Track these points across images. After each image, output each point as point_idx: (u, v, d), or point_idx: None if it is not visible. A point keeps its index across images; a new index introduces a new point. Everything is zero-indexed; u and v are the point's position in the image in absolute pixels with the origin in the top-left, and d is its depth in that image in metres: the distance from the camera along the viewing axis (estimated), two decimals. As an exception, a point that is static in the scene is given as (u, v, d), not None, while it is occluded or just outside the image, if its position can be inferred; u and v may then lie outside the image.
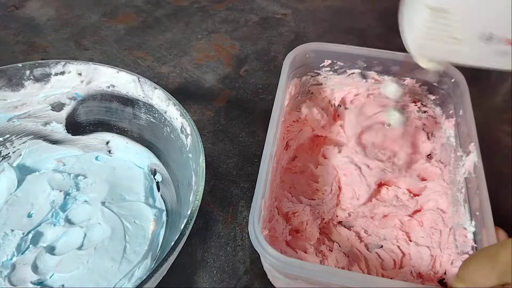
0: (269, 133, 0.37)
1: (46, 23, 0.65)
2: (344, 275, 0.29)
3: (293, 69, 0.43)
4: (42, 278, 0.37)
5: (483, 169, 0.35)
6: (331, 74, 0.46)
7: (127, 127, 0.44)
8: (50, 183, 0.43)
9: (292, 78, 0.44)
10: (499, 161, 0.49)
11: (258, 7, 0.70)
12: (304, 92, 0.47)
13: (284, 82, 0.41)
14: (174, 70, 0.59)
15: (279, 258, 0.29)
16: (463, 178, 0.38)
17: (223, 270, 0.40)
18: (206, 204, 0.44)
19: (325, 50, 0.44)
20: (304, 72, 0.45)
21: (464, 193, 0.37)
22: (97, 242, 0.39)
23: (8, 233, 0.39)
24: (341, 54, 0.44)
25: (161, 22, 0.66)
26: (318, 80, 0.46)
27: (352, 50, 0.43)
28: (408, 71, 0.43)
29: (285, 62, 0.42)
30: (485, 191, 0.34)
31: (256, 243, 0.30)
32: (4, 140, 0.43)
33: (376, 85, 0.46)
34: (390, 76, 0.44)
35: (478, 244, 0.33)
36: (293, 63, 0.43)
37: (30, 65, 0.40)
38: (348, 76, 0.45)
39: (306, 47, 0.43)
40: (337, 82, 0.46)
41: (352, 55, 0.44)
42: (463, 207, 0.36)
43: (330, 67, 0.45)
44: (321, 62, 0.45)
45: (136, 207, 0.42)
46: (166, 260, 0.28)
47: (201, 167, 0.33)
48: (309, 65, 0.45)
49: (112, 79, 0.41)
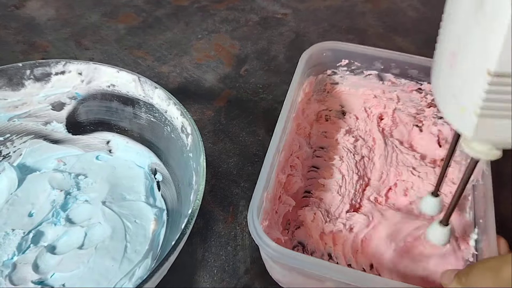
0: (277, 126, 0.37)
1: (46, 22, 0.65)
2: (338, 270, 0.29)
3: (309, 67, 0.43)
4: (43, 278, 0.37)
5: (491, 177, 0.35)
6: (348, 74, 0.45)
7: (127, 126, 0.44)
8: (50, 182, 0.43)
9: (307, 76, 0.43)
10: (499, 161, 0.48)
11: (258, 7, 0.70)
12: (320, 91, 0.47)
13: (298, 78, 0.40)
14: (174, 70, 0.59)
15: (275, 248, 0.29)
16: (471, 185, 0.37)
17: (223, 269, 0.40)
18: (207, 203, 0.44)
19: (342, 50, 0.44)
20: (321, 71, 0.45)
21: (471, 200, 0.37)
22: (97, 241, 0.39)
23: (9, 232, 0.39)
24: (359, 55, 0.44)
25: (161, 21, 0.66)
26: (335, 79, 0.46)
27: (369, 51, 0.43)
28: (425, 75, 0.43)
29: (301, 59, 0.42)
30: (490, 200, 0.33)
31: (254, 232, 0.30)
32: (5, 139, 0.43)
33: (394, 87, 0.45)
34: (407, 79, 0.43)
35: (479, 252, 0.33)
36: (309, 61, 0.43)
37: (30, 65, 0.40)
38: (365, 77, 0.45)
39: (323, 46, 0.43)
40: (353, 83, 0.46)
41: (370, 56, 0.43)
42: (468, 214, 0.36)
43: (347, 67, 0.45)
44: (338, 61, 0.44)
45: (137, 207, 0.42)
46: (166, 259, 0.28)
47: (201, 167, 0.33)
48: (326, 64, 0.44)
49: (112, 79, 0.41)
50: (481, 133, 0.23)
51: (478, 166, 0.36)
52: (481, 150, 0.24)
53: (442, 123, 0.45)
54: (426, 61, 0.42)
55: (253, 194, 0.32)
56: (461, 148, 0.26)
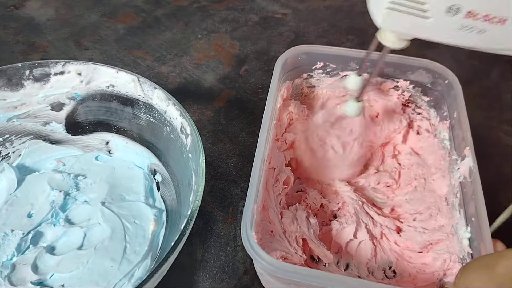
0: (260, 135, 0.36)
1: (45, 23, 0.65)
2: (336, 279, 0.29)
3: (285, 72, 0.43)
4: (42, 278, 0.37)
5: (478, 174, 0.35)
6: (324, 76, 0.45)
7: (127, 127, 0.44)
8: (50, 183, 0.43)
9: (284, 81, 0.43)
10: (499, 161, 0.49)
11: (258, 7, 0.70)
12: (297, 95, 0.47)
13: (275, 84, 0.40)
14: (173, 70, 0.59)
15: (271, 262, 0.29)
16: (458, 183, 0.37)
17: (223, 270, 0.40)
18: (206, 204, 0.44)
19: (317, 53, 0.44)
20: (297, 75, 0.45)
21: (460, 198, 0.37)
22: (97, 242, 0.39)
23: (8, 233, 0.39)
24: (334, 56, 0.44)
25: (160, 22, 0.66)
26: (311, 82, 0.46)
27: (344, 52, 0.43)
28: (401, 73, 0.43)
29: (276, 64, 0.42)
30: (481, 197, 0.33)
31: (249, 247, 0.30)
32: (4, 140, 0.43)
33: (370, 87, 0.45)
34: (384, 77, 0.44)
35: (474, 251, 0.33)
36: (285, 66, 0.43)
37: (29, 65, 0.40)
38: (341, 78, 0.45)
39: (298, 50, 0.43)
40: (330, 85, 0.46)
41: (345, 57, 0.43)
42: (459, 212, 0.36)
43: (322, 69, 0.45)
44: (314, 64, 0.44)
45: (136, 207, 0.42)
46: (166, 260, 0.28)
47: (201, 167, 0.33)
48: (302, 68, 0.45)
49: (111, 79, 0.41)
50: (388, 23, 0.30)
51: (465, 164, 0.36)
52: (390, 39, 0.31)
53: (421, 118, 0.46)
54: (401, 59, 0.42)
55: (244, 209, 0.32)
56: (378, 38, 0.32)
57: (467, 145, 0.37)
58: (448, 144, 0.41)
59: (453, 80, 0.41)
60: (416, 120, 0.46)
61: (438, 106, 0.43)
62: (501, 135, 0.52)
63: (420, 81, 0.43)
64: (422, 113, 0.45)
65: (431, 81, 0.42)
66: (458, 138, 0.39)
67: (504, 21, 0.27)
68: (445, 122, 0.41)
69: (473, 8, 0.27)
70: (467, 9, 0.27)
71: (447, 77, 0.41)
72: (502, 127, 0.53)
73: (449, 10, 0.27)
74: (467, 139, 0.37)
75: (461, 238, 0.34)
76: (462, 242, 0.34)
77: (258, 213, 0.34)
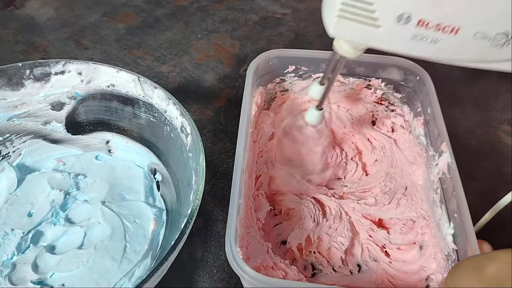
0: (238, 146, 0.36)
1: (46, 22, 0.65)
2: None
3: (257, 77, 0.43)
4: (42, 277, 0.37)
5: (457, 170, 0.35)
6: (296, 79, 0.45)
7: (127, 126, 0.44)
8: (50, 182, 0.43)
9: (257, 87, 0.44)
10: (499, 161, 0.49)
11: (258, 7, 0.70)
12: (270, 100, 0.47)
13: (249, 91, 0.40)
14: (174, 70, 0.59)
15: (257, 278, 0.29)
16: (437, 178, 0.38)
17: (223, 269, 0.40)
18: (206, 203, 0.44)
19: (287, 56, 0.44)
20: (269, 80, 0.45)
21: (440, 194, 0.37)
22: (97, 241, 0.39)
23: (8, 232, 0.39)
24: (304, 59, 0.44)
25: (161, 21, 0.66)
26: (284, 86, 0.46)
27: (314, 54, 0.43)
28: (372, 71, 0.44)
29: (248, 70, 0.42)
30: (461, 192, 0.33)
31: (234, 265, 0.29)
32: (4, 139, 0.43)
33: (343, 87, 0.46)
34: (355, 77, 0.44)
35: (459, 247, 0.33)
36: (257, 71, 0.43)
37: (30, 65, 0.40)
38: (313, 80, 0.45)
39: (268, 55, 0.43)
40: (303, 87, 0.46)
41: (315, 59, 0.43)
42: (440, 208, 0.36)
43: (294, 72, 0.45)
44: (285, 68, 0.44)
45: (136, 207, 0.42)
46: (166, 259, 0.28)
47: (201, 167, 0.33)
48: (274, 72, 0.45)
49: (112, 79, 0.41)
50: (339, 32, 0.29)
51: (443, 160, 0.36)
52: (343, 48, 0.31)
53: (395, 115, 0.46)
54: (372, 57, 0.42)
55: (226, 223, 0.31)
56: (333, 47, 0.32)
57: (444, 141, 0.37)
58: (424, 140, 0.41)
59: (424, 76, 0.41)
60: (390, 117, 0.46)
61: (411, 102, 0.44)
62: (501, 135, 0.52)
63: (391, 79, 0.43)
64: (396, 110, 0.46)
65: (403, 78, 0.43)
66: (434, 134, 0.39)
67: (457, 30, 0.26)
68: (419, 118, 0.42)
69: (423, 17, 0.26)
70: (417, 17, 0.26)
71: (418, 73, 0.42)
72: (502, 127, 0.53)
73: (399, 18, 0.26)
74: (443, 134, 0.37)
75: (444, 235, 0.35)
76: (446, 238, 0.34)
77: (241, 227, 0.33)
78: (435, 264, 0.36)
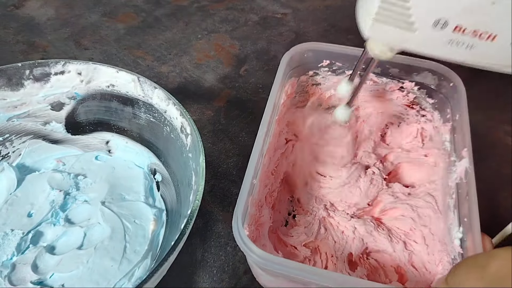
0: (260, 130, 0.36)
1: (46, 22, 0.65)
2: (324, 275, 0.29)
3: (290, 68, 0.43)
4: (42, 278, 0.37)
5: (474, 175, 0.35)
6: (329, 74, 0.45)
7: (127, 126, 0.44)
8: (50, 182, 0.43)
9: (289, 77, 0.43)
10: (499, 161, 0.49)
11: (258, 7, 0.70)
12: (302, 92, 0.47)
13: (279, 80, 0.40)
14: (174, 70, 0.59)
15: (260, 255, 0.29)
16: (454, 184, 0.37)
17: (223, 270, 0.40)
18: (206, 204, 0.44)
19: (323, 50, 0.43)
20: (302, 72, 0.45)
21: (455, 199, 0.36)
22: (97, 241, 0.39)
23: (8, 232, 0.39)
24: (340, 55, 0.43)
25: (161, 21, 0.66)
26: (317, 80, 0.46)
27: (350, 51, 0.43)
28: (406, 74, 0.43)
29: (282, 61, 0.42)
30: (474, 197, 0.33)
31: (239, 239, 0.30)
32: (4, 139, 0.43)
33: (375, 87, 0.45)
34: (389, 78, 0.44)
35: (464, 251, 0.32)
36: (290, 62, 0.43)
37: (29, 65, 0.40)
38: (346, 76, 0.45)
39: (304, 47, 0.43)
40: (335, 83, 0.46)
41: (351, 56, 0.43)
42: (453, 213, 0.36)
43: (328, 67, 0.45)
44: (320, 62, 0.44)
45: (136, 207, 0.42)
46: (166, 259, 0.28)
47: (201, 167, 0.33)
48: (307, 65, 0.44)
49: (111, 79, 0.41)
50: (375, 34, 0.30)
51: (462, 165, 0.36)
52: (377, 50, 0.31)
53: (424, 121, 0.45)
54: (406, 59, 0.42)
55: (237, 200, 0.32)
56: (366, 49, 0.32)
57: (465, 147, 0.37)
58: (449, 146, 0.40)
59: (458, 83, 0.40)
60: (420, 122, 0.46)
61: (442, 108, 0.43)
62: (501, 135, 0.52)
63: (425, 83, 0.43)
64: (426, 115, 0.45)
65: (436, 83, 0.42)
66: (458, 140, 0.39)
67: (494, 37, 0.26)
68: (447, 124, 0.41)
69: (460, 23, 0.26)
70: (454, 23, 0.26)
71: (452, 80, 0.41)
72: (502, 127, 0.53)
73: (436, 23, 0.27)
74: (466, 140, 0.37)
75: (453, 239, 0.34)
76: (453, 242, 0.34)
77: (252, 205, 0.34)
78: (441, 267, 0.36)
